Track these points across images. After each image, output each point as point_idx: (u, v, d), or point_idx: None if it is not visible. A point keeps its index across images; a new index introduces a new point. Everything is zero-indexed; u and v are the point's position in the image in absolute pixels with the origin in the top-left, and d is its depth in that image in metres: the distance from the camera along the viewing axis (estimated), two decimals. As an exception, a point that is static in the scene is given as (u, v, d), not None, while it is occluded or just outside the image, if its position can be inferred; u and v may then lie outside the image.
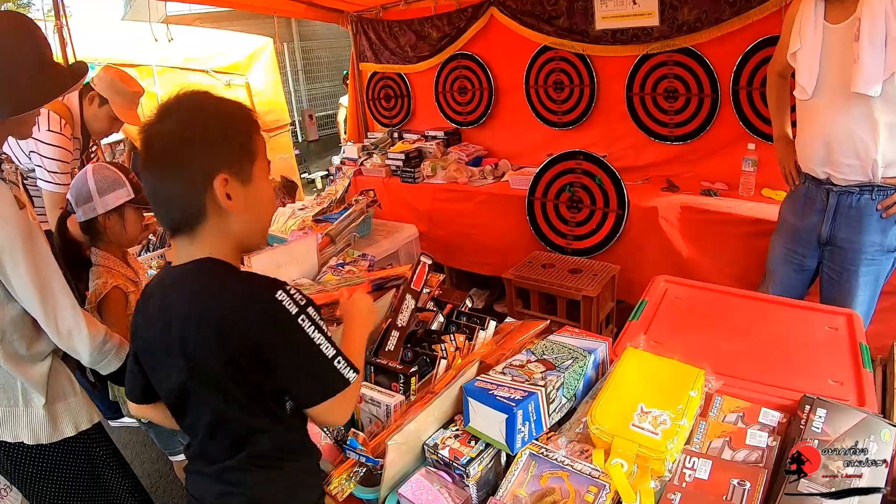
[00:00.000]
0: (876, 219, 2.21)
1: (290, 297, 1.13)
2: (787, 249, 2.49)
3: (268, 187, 1.26)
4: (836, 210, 2.28)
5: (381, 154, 4.90)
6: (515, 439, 1.26)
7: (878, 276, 2.28)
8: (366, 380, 1.67)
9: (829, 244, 2.34)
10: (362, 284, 2.06)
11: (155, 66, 5.59)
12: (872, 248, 2.23)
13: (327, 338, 1.17)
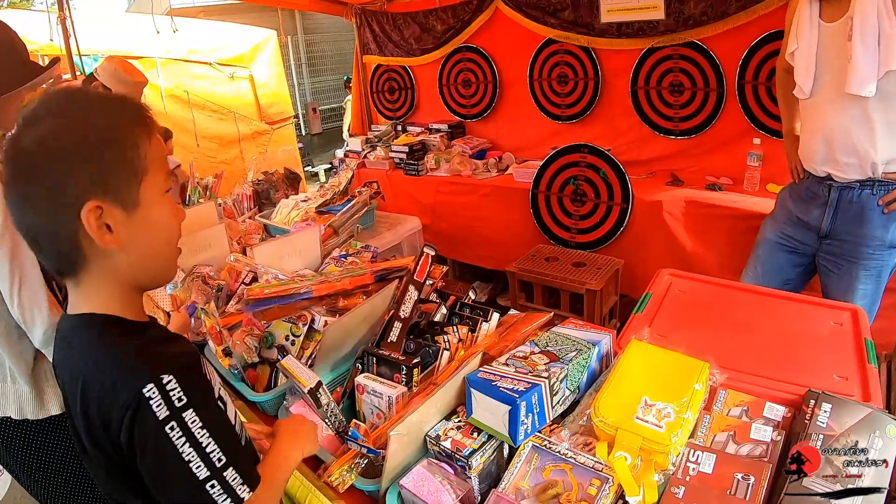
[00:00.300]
0: (877, 213, 2.20)
1: (164, 395, 0.89)
2: (784, 235, 2.48)
3: (165, 209, 1.03)
4: (838, 205, 2.27)
5: (384, 147, 4.89)
6: (518, 431, 1.25)
7: (881, 273, 2.27)
8: (368, 370, 1.66)
9: (829, 237, 2.33)
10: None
11: (158, 59, 5.59)
12: (874, 243, 2.22)
13: (203, 453, 0.92)
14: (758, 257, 2.58)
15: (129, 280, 1.01)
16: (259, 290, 1.92)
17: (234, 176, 5.23)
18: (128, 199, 0.95)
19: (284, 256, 2.36)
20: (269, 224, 3.14)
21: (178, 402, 0.90)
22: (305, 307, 1.92)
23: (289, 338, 1.92)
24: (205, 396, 0.97)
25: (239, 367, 1.91)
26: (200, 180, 3.64)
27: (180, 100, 5.83)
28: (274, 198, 3.61)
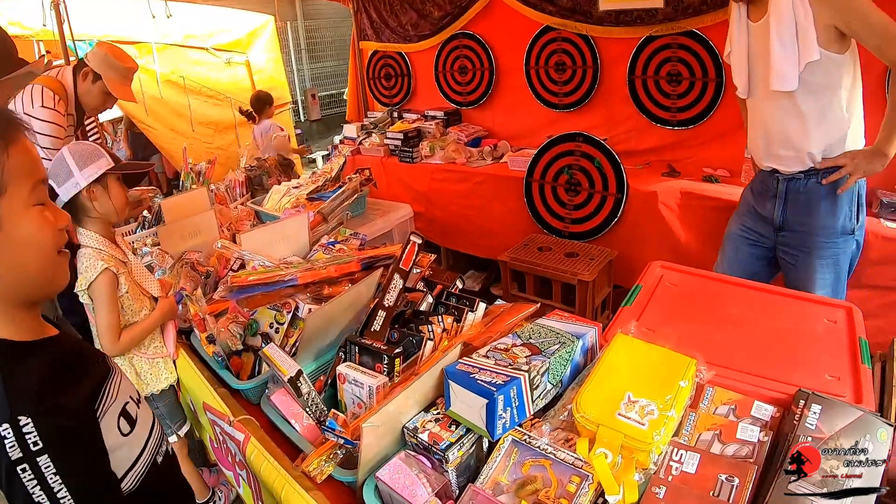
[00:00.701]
0: (824, 202, 2.23)
1: (20, 436, 0.85)
2: (745, 228, 2.51)
3: (32, 225, 0.94)
4: (787, 196, 2.31)
5: (380, 133, 4.85)
6: (496, 425, 1.22)
7: (839, 260, 2.27)
8: (350, 359, 1.64)
9: (783, 229, 2.36)
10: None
11: (154, 44, 5.54)
12: (826, 232, 2.24)
13: (55, 499, 0.87)
14: (724, 252, 2.61)
15: (7, 299, 0.94)
16: (243, 277, 1.89)
17: (230, 162, 5.20)
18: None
19: (272, 243, 2.33)
20: (260, 210, 3.11)
21: (34, 447, 0.85)
22: (290, 295, 1.89)
23: (273, 325, 1.90)
24: (69, 441, 0.90)
25: (223, 355, 1.89)
26: (194, 166, 3.60)
27: (176, 85, 5.78)
28: (266, 184, 3.58)
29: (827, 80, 2.09)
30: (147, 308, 2.08)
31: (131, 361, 2.09)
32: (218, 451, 1.94)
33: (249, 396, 1.78)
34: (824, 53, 2.04)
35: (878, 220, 2.73)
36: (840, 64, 2.06)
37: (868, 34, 1.99)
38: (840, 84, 2.09)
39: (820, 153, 2.19)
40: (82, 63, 2.97)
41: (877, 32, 1.98)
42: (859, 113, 2.17)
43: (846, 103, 2.12)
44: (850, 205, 2.21)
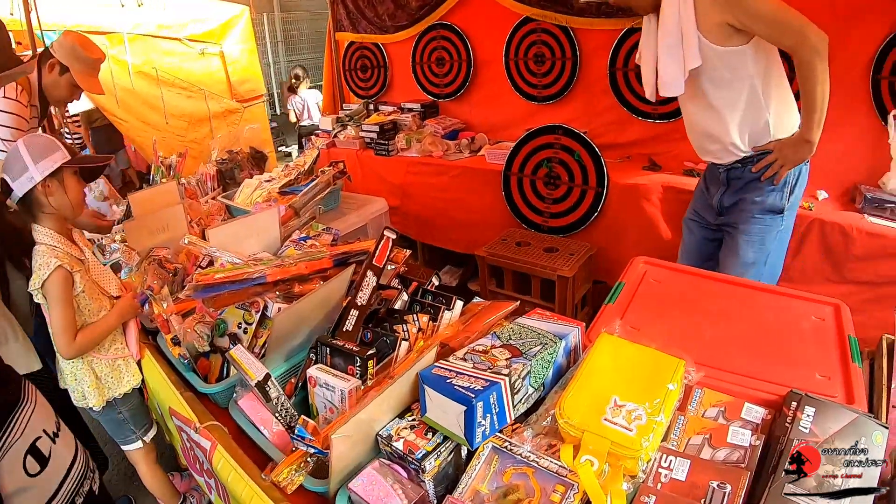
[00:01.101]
0: (756, 182, 2.26)
1: None
2: (694, 212, 2.60)
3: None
4: (728, 183, 2.35)
5: (355, 126, 4.76)
6: (475, 433, 1.15)
7: (764, 239, 2.29)
8: (321, 361, 1.56)
9: (722, 214, 2.41)
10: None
11: (126, 34, 5.39)
12: (754, 207, 2.28)
13: None
14: (683, 240, 2.68)
15: None
16: (210, 275, 1.80)
17: (203, 155, 5.06)
18: None
19: (242, 239, 2.24)
20: (231, 205, 3.02)
21: None
22: (259, 293, 1.81)
23: (241, 325, 1.82)
24: None
25: (189, 357, 1.80)
26: (164, 159, 3.48)
27: (148, 76, 5.62)
28: (238, 178, 3.47)
29: (733, 74, 2.12)
30: (106, 309, 1.99)
31: (91, 364, 1.99)
32: (187, 455, 1.85)
33: (218, 400, 1.70)
34: (721, 49, 2.07)
35: (861, 215, 2.70)
36: (743, 55, 2.07)
37: (759, 26, 2.00)
38: (749, 74, 2.10)
39: (744, 143, 2.23)
40: (48, 53, 2.87)
41: (767, 23, 1.98)
42: (784, 97, 2.17)
43: (762, 91, 2.13)
44: (781, 184, 2.22)
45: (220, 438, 1.48)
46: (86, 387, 1.99)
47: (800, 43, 1.96)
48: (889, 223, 2.61)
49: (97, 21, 5.19)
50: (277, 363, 1.68)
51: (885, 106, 2.87)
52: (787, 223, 2.29)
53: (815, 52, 1.95)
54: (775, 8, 1.96)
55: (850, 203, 2.85)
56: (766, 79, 2.11)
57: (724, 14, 2.01)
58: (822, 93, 2.01)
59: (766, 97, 2.13)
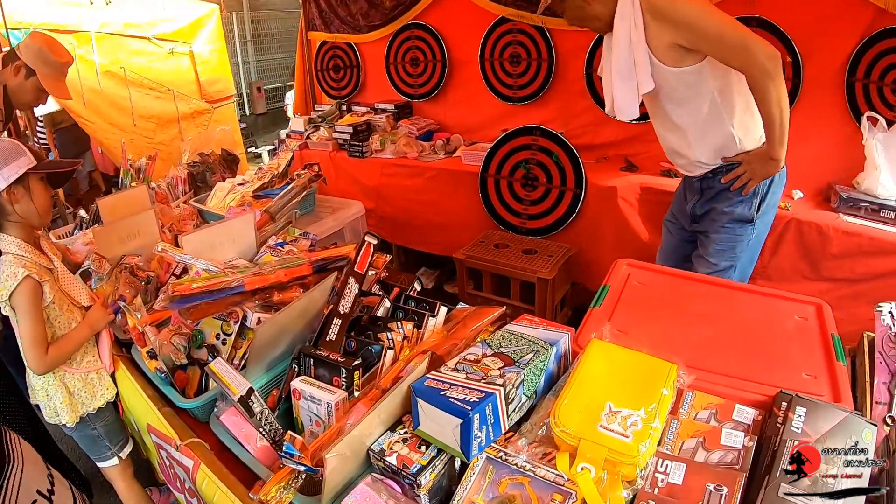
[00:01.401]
0: (727, 192, 2.24)
1: None
2: (671, 215, 2.60)
3: None
4: (702, 192, 2.33)
5: (328, 127, 4.70)
6: (471, 445, 1.12)
7: (734, 248, 2.28)
8: (305, 372, 1.52)
9: (696, 221, 2.40)
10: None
11: (94, 33, 5.26)
12: (723, 216, 2.26)
13: None
14: (662, 240, 2.68)
15: None
16: (186, 285, 1.75)
17: (173, 158, 4.96)
18: None
19: (217, 245, 2.18)
20: (204, 209, 2.95)
21: None
22: (237, 302, 1.76)
23: (220, 336, 1.76)
24: None
25: (166, 370, 1.74)
26: (133, 162, 3.39)
27: (116, 76, 5.49)
28: (210, 181, 3.40)
29: (692, 91, 2.10)
30: (77, 320, 1.91)
31: (62, 379, 1.90)
32: (166, 472, 1.79)
33: (197, 415, 1.64)
34: (675, 70, 2.05)
35: (837, 214, 2.74)
36: (700, 73, 2.04)
37: (709, 47, 1.99)
38: (708, 90, 2.08)
39: (710, 158, 2.22)
40: (13, 55, 2.77)
41: (713, 43, 1.96)
42: (748, 104, 2.12)
43: (723, 103, 2.10)
44: (750, 194, 2.20)
45: (202, 456, 1.44)
46: (58, 402, 1.91)
47: (749, 64, 1.92)
48: (863, 222, 2.66)
49: (64, 20, 5.06)
50: (258, 374, 1.63)
51: (859, 108, 2.92)
52: (758, 231, 2.27)
53: (765, 72, 1.90)
54: (722, 28, 1.93)
55: (826, 202, 2.88)
56: (726, 91, 2.08)
57: (674, 35, 1.99)
58: (778, 111, 1.97)
59: (727, 109, 2.11)
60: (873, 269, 2.61)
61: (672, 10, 1.96)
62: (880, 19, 2.81)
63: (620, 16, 2.07)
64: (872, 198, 2.72)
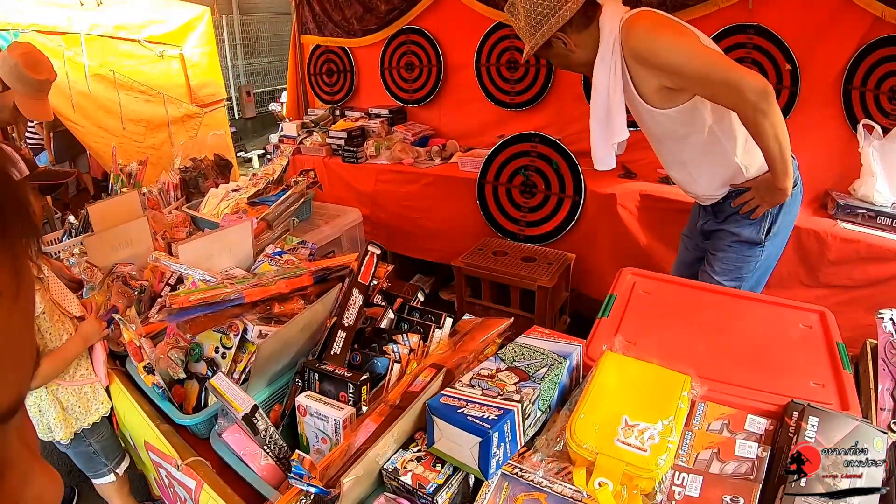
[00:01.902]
0: (736, 214, 2.20)
1: None
2: (688, 229, 2.54)
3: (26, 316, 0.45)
4: (714, 214, 2.30)
5: (321, 132, 4.65)
6: (490, 464, 1.09)
7: (740, 269, 2.25)
8: (309, 387, 1.48)
9: (708, 239, 2.37)
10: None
11: (83, 35, 5.20)
12: (730, 237, 2.23)
13: None
14: (678, 252, 2.63)
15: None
16: (183, 297, 1.69)
17: (163, 162, 4.90)
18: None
19: (213, 254, 2.13)
20: (197, 216, 2.89)
21: None
22: (236, 315, 1.71)
23: (219, 350, 1.71)
24: None
25: (163, 385, 1.68)
26: (124, 167, 3.33)
27: (105, 79, 5.42)
28: (203, 186, 3.35)
29: (688, 128, 2.06)
30: (69, 331, 1.85)
31: (55, 394, 1.85)
32: (164, 490, 1.73)
33: (197, 432, 1.60)
34: (665, 111, 2.02)
35: (834, 221, 2.75)
36: (694, 109, 2.00)
37: (695, 89, 1.95)
38: (704, 124, 2.03)
39: (719, 189, 2.19)
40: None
41: (701, 85, 1.91)
42: (747, 137, 2.04)
43: (723, 135, 2.05)
44: (760, 218, 2.16)
45: (205, 475, 1.39)
46: (51, 419, 1.85)
47: (738, 102, 1.85)
48: (861, 228, 2.68)
49: (54, 21, 5.00)
50: (260, 389, 1.59)
51: (856, 115, 2.94)
52: (767, 252, 2.23)
53: (756, 110, 1.82)
54: (707, 68, 1.85)
55: (822, 209, 2.89)
56: (724, 121, 2.03)
57: (659, 78, 1.95)
58: (777, 145, 1.90)
59: (729, 140, 2.06)
60: (871, 275, 2.62)
61: (654, 55, 1.92)
62: (877, 28, 2.82)
63: (601, 61, 2.04)
64: (869, 204, 2.73)
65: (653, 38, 1.92)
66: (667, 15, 2.01)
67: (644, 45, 1.93)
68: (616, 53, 2.00)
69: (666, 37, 1.92)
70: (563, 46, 2.09)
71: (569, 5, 2.00)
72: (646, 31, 1.93)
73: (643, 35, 1.93)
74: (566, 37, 2.07)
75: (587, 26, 2.05)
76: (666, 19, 1.99)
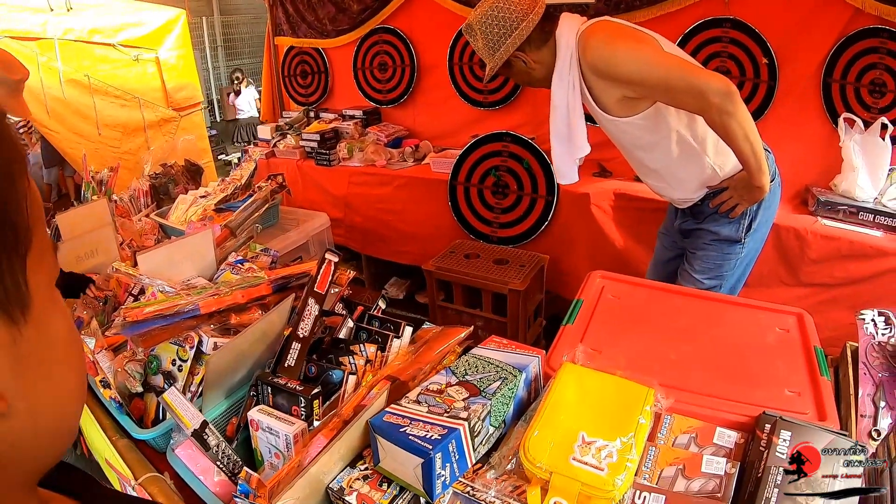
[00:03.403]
0: (715, 214, 2.17)
1: None
2: (665, 226, 2.51)
3: (63, 312, 0.47)
4: (693, 214, 2.27)
5: (295, 135, 4.60)
6: (435, 485, 1.05)
7: (721, 267, 2.22)
8: (263, 401, 1.43)
9: (686, 237, 2.34)
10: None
11: (57, 40, 5.13)
12: (709, 236, 2.20)
13: None
14: (655, 250, 2.60)
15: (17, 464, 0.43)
16: (139, 309, 1.64)
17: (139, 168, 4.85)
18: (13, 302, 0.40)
19: (176, 263, 2.07)
20: (165, 224, 2.84)
21: None
22: (192, 326, 1.66)
23: (175, 362, 1.66)
24: None
25: (120, 399, 1.63)
26: (95, 174, 3.26)
27: (80, 84, 5.36)
28: (173, 193, 3.29)
29: (656, 135, 2.03)
30: None
31: None
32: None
33: (156, 445, 1.55)
34: (628, 120, 2.00)
35: (815, 218, 2.72)
36: (657, 114, 1.98)
37: (658, 97, 1.93)
38: (671, 128, 2.01)
39: (695, 192, 2.16)
40: None
41: (662, 93, 1.89)
42: (717, 139, 2.03)
43: (692, 136, 2.03)
44: (740, 216, 2.14)
45: (159, 492, 1.34)
46: None
47: (703, 106, 1.82)
48: (842, 225, 2.65)
49: (27, 26, 4.94)
50: (217, 401, 1.54)
51: (836, 109, 2.91)
52: (748, 249, 2.21)
53: (722, 111, 1.79)
54: (666, 75, 1.83)
55: (803, 205, 2.86)
56: (692, 124, 2.01)
57: (620, 89, 1.94)
58: (748, 145, 1.86)
59: (699, 142, 2.03)
60: (852, 273, 2.60)
61: (612, 68, 1.90)
62: (857, 19, 2.80)
63: (558, 78, 2.03)
64: (850, 200, 2.70)
65: (610, 50, 1.90)
66: (623, 23, 1.99)
67: (601, 59, 1.91)
68: (574, 69, 1.99)
69: (623, 48, 1.90)
70: (523, 65, 2.09)
71: (524, 24, 1.98)
72: (603, 44, 1.91)
73: (600, 48, 1.91)
74: (525, 55, 2.06)
75: (545, 42, 2.04)
76: (623, 28, 1.96)
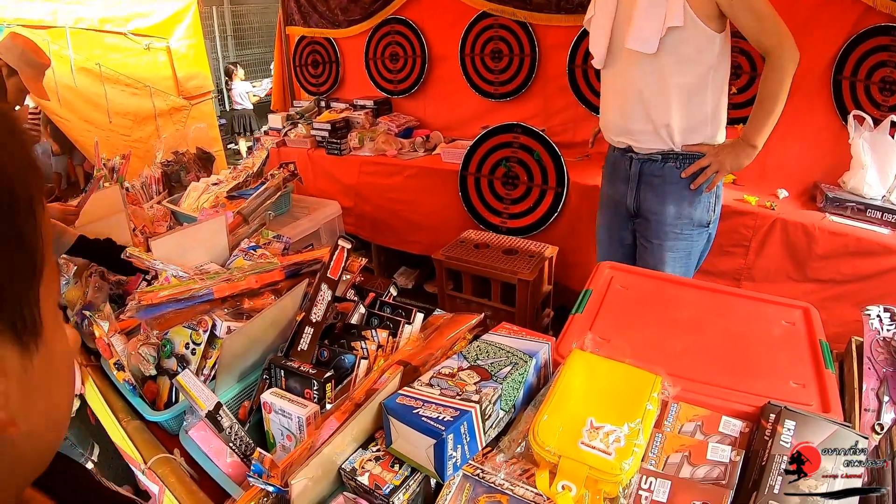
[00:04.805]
0: (681, 188, 2.14)
1: None
2: (608, 222, 2.45)
3: (65, 334, 0.49)
4: (640, 179, 2.22)
5: (306, 124, 4.63)
6: (446, 466, 1.07)
7: (690, 253, 2.22)
8: (276, 384, 1.46)
9: (637, 216, 2.28)
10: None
11: (69, 28, 5.16)
12: (679, 221, 2.17)
13: None
14: (599, 243, 2.55)
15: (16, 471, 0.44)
16: (153, 293, 1.67)
17: (150, 156, 4.88)
18: (29, 333, 0.42)
19: (188, 250, 2.10)
20: (177, 210, 2.87)
21: None
22: (206, 311, 1.69)
23: (189, 346, 1.69)
24: None
25: (134, 382, 1.66)
26: (107, 161, 3.28)
27: (91, 73, 5.39)
28: (185, 180, 3.32)
29: (696, 55, 2.02)
30: None
31: None
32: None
33: (168, 427, 1.57)
34: (699, 24, 1.97)
35: (823, 214, 2.73)
36: (712, 41, 2.00)
37: (747, 18, 1.94)
38: (709, 62, 2.03)
39: (680, 132, 2.11)
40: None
41: (756, 17, 1.94)
42: (723, 104, 2.11)
43: (711, 86, 2.06)
44: (708, 196, 2.14)
45: (171, 473, 1.37)
46: None
47: (779, 46, 1.93)
48: (850, 222, 2.65)
49: (39, 15, 4.97)
50: (229, 384, 1.56)
51: (846, 106, 2.91)
52: (711, 233, 2.22)
53: (792, 59, 1.93)
54: (769, 8, 1.93)
55: (811, 202, 2.87)
56: (716, 76, 2.06)
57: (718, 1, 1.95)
58: (782, 100, 1.97)
59: (714, 91, 2.08)
60: (859, 269, 2.60)
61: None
62: (867, 17, 2.80)
63: None
64: (859, 197, 2.70)
65: None
66: None
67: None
68: None
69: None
70: None
71: None
72: None
73: None
74: None
75: None
76: None
